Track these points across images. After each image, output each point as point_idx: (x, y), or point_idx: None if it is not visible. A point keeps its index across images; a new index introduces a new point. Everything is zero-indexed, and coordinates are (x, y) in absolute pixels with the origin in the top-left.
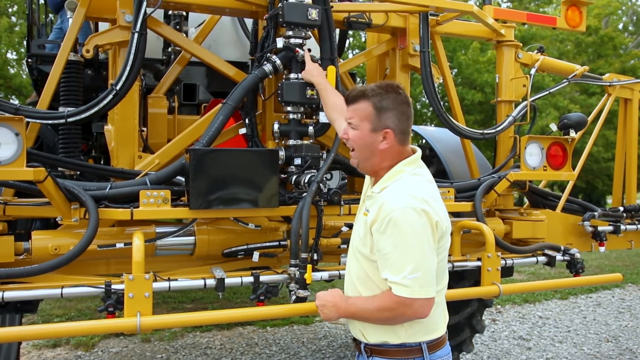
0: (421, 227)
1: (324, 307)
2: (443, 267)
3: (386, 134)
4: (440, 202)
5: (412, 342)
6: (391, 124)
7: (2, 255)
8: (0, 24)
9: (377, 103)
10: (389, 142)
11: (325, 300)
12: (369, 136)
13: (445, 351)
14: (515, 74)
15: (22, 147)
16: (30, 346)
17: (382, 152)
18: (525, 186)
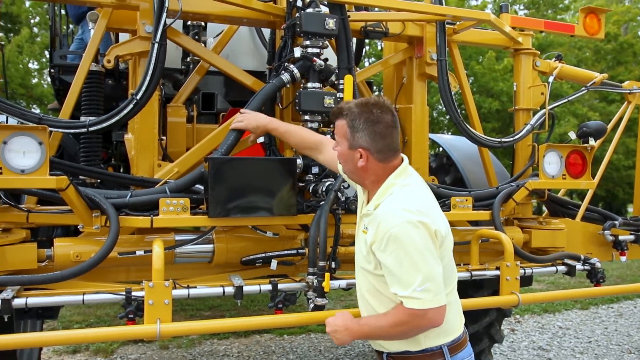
0: (421, 239)
1: (335, 332)
2: (450, 268)
3: (361, 152)
4: (436, 208)
5: (432, 346)
6: (364, 143)
7: (26, 262)
8: (22, 35)
9: (350, 122)
10: (365, 161)
11: (336, 326)
12: (348, 153)
13: (467, 352)
14: (533, 82)
15: (46, 156)
16: (50, 352)
17: (362, 169)
18: (544, 195)
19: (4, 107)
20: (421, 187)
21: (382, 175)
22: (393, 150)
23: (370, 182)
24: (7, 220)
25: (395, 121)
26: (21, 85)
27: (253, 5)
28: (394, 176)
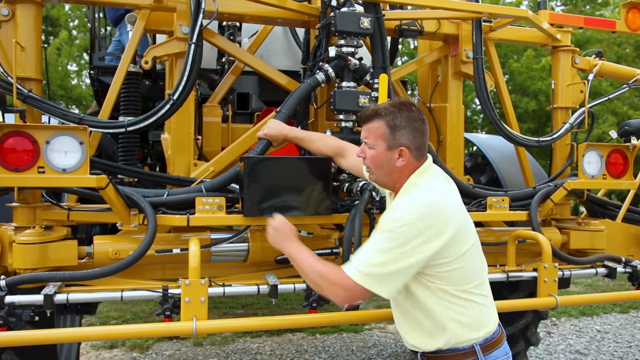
0: (411, 233)
1: (276, 231)
2: (473, 265)
3: (402, 151)
4: (455, 205)
5: (464, 345)
6: (405, 141)
7: (67, 259)
8: (60, 37)
9: (390, 121)
10: (405, 160)
11: (281, 227)
12: (385, 154)
13: (502, 352)
14: (572, 80)
15: (86, 155)
16: (89, 346)
17: (400, 169)
18: (583, 195)
19: (47, 107)
20: (439, 186)
21: (411, 173)
22: (425, 150)
23: (400, 182)
24: (49, 218)
25: (425, 120)
26: (60, 87)
27: (288, 5)
28: (415, 175)
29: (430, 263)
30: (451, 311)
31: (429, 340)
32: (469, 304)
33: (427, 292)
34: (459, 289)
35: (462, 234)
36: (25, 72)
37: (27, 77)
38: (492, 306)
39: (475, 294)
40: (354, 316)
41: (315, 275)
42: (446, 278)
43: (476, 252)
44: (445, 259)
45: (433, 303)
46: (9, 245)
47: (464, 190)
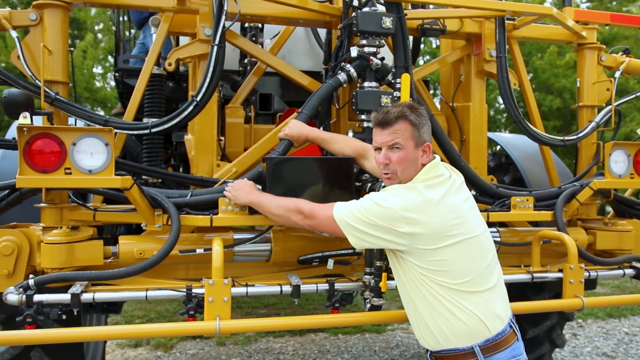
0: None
1: (235, 190)
2: (466, 262)
3: (426, 147)
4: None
5: (463, 346)
6: (427, 137)
7: (93, 259)
8: (86, 40)
9: (414, 120)
10: (429, 155)
11: (238, 185)
12: (414, 153)
13: (508, 354)
14: (598, 78)
15: (111, 157)
16: (114, 345)
17: (422, 165)
18: (609, 195)
19: (73, 110)
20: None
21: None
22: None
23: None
24: (75, 219)
25: None
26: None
27: (309, 6)
28: (422, 173)
29: (406, 251)
30: (443, 309)
31: (431, 338)
32: (457, 302)
33: (418, 288)
34: (445, 284)
35: (440, 232)
36: (52, 75)
37: (54, 80)
38: (497, 310)
39: (463, 292)
40: (376, 316)
41: (277, 211)
42: (431, 270)
43: (464, 251)
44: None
45: (423, 300)
46: (37, 245)
47: (486, 190)
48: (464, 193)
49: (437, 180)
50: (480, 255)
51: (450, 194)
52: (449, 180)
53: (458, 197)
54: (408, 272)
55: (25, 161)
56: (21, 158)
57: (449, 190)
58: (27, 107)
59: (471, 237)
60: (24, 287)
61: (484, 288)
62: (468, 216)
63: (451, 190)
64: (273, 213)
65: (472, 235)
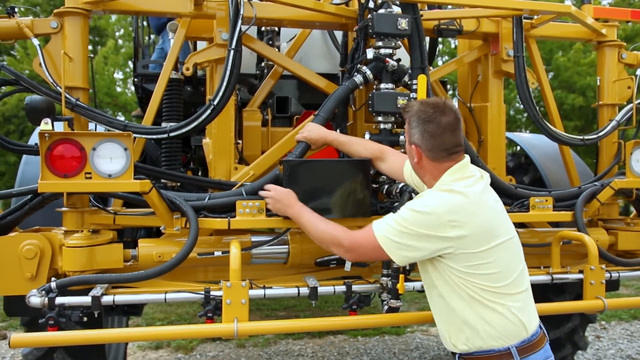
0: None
1: (276, 201)
2: (504, 266)
3: (415, 149)
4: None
5: (499, 347)
6: (416, 140)
7: (113, 262)
8: (107, 46)
9: (408, 119)
10: (418, 158)
11: (279, 195)
12: (409, 149)
13: (542, 355)
14: (619, 76)
15: (130, 161)
16: (135, 347)
17: (418, 166)
18: (631, 194)
19: (93, 115)
20: (468, 193)
21: (437, 174)
22: (446, 152)
23: (427, 179)
24: (95, 222)
25: (450, 123)
26: (107, 94)
27: (325, 9)
28: (448, 174)
29: (450, 254)
30: (482, 311)
31: (463, 341)
32: (499, 304)
33: (453, 290)
34: (487, 288)
35: (485, 233)
36: (73, 81)
37: (74, 87)
38: (532, 311)
39: (504, 294)
40: (394, 318)
41: (320, 234)
42: (474, 275)
43: (505, 252)
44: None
45: (460, 302)
46: (59, 248)
47: (505, 191)
48: (494, 194)
49: (471, 180)
50: (517, 257)
51: (486, 194)
52: (481, 180)
53: (492, 197)
54: (443, 275)
55: (46, 166)
56: (43, 163)
57: (484, 190)
58: (48, 113)
59: (509, 238)
60: (46, 289)
61: (521, 290)
62: (503, 217)
63: (485, 190)
64: (313, 237)
65: (509, 237)
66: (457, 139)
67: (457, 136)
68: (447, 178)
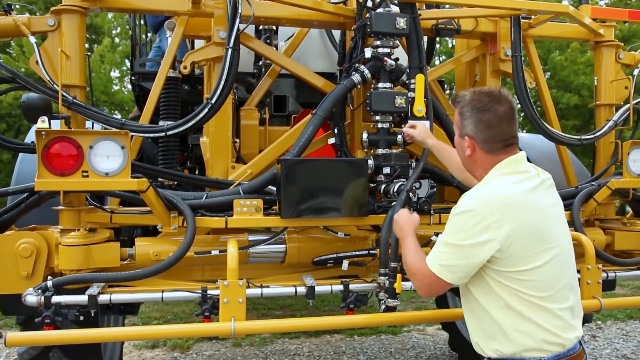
0: (468, 227)
1: (401, 227)
2: (547, 275)
3: (468, 141)
4: (520, 209)
5: (531, 357)
6: (470, 132)
7: (110, 260)
8: (103, 44)
9: (460, 109)
10: (472, 150)
11: (404, 223)
12: (459, 142)
13: None
14: (616, 76)
15: (128, 159)
16: (131, 346)
17: (470, 159)
18: (628, 194)
19: (90, 113)
20: (512, 189)
21: (489, 168)
22: (502, 143)
23: (479, 174)
24: (92, 221)
25: (506, 112)
26: (103, 93)
27: (323, 8)
28: (497, 167)
29: (494, 258)
30: (518, 320)
31: (493, 347)
32: (537, 314)
33: (489, 295)
34: (526, 296)
35: (532, 235)
36: (70, 79)
37: (71, 85)
38: (570, 321)
39: (542, 306)
40: (392, 318)
41: (410, 265)
42: (513, 280)
43: (550, 262)
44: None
45: (495, 308)
46: (56, 247)
47: None
48: (553, 197)
49: (523, 176)
50: (566, 268)
51: (538, 193)
52: (536, 178)
53: (547, 200)
54: (481, 279)
55: (43, 164)
56: (39, 161)
57: (535, 189)
58: (45, 111)
59: (558, 245)
60: (43, 288)
61: (561, 305)
62: (555, 223)
63: (539, 189)
64: (404, 262)
65: (559, 244)
66: (513, 130)
67: (513, 127)
68: (496, 172)
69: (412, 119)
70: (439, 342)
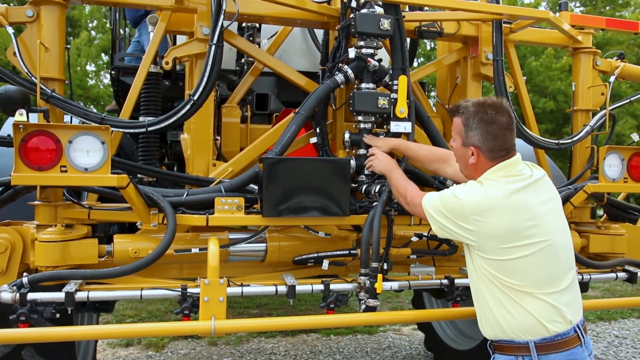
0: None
1: (388, 161)
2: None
3: (473, 150)
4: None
5: (519, 339)
6: (476, 142)
7: (87, 257)
8: (80, 38)
9: (464, 121)
10: (476, 159)
11: (388, 159)
12: (461, 150)
13: (564, 357)
14: (593, 82)
15: (108, 155)
16: (105, 344)
17: (473, 166)
18: (603, 198)
19: (70, 107)
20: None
21: None
22: (505, 150)
23: (477, 178)
24: (70, 217)
25: (510, 123)
26: (79, 87)
27: (307, 7)
28: (491, 171)
29: (476, 247)
30: (507, 304)
31: (491, 329)
32: (521, 300)
33: (483, 280)
34: (508, 284)
35: (510, 232)
36: (48, 72)
37: (50, 78)
38: (561, 309)
39: (526, 292)
40: (370, 318)
41: (398, 191)
42: (496, 268)
43: (536, 253)
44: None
45: (488, 293)
46: (31, 243)
47: None
48: (546, 193)
49: (512, 179)
50: (551, 260)
51: (525, 193)
52: (527, 179)
53: (536, 198)
54: (476, 265)
55: (20, 158)
56: (16, 155)
57: (523, 190)
58: (23, 104)
59: (543, 240)
60: (18, 285)
61: (550, 291)
62: (544, 219)
63: (527, 190)
64: (392, 189)
65: (544, 239)
66: (514, 138)
67: (514, 135)
68: (490, 175)
69: (394, 119)
70: (414, 342)
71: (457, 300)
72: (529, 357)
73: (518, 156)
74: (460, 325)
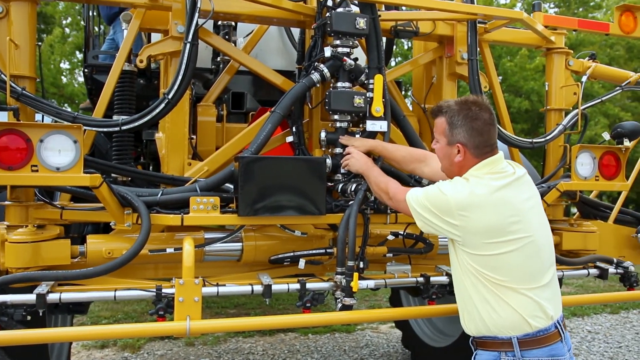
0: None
1: (365, 160)
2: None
3: (459, 148)
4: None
5: (502, 335)
6: (462, 139)
7: (60, 258)
8: (53, 35)
9: (449, 119)
10: (462, 156)
11: (365, 158)
12: (446, 149)
13: (546, 352)
14: (566, 82)
15: (80, 154)
16: (79, 346)
17: (458, 165)
18: (575, 196)
19: (41, 106)
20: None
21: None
22: (489, 147)
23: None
24: (41, 217)
25: (492, 119)
26: (52, 85)
27: (283, 5)
28: (476, 168)
29: (460, 242)
30: (491, 300)
31: (474, 324)
32: (504, 295)
33: (467, 276)
34: (492, 279)
35: (493, 229)
36: (18, 69)
37: (20, 75)
38: (542, 304)
39: (509, 288)
40: (346, 316)
41: (378, 189)
42: (479, 263)
43: (519, 249)
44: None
45: (472, 288)
46: (1, 244)
47: None
48: (528, 191)
49: (496, 176)
50: (533, 256)
51: (509, 190)
52: (510, 176)
53: (519, 196)
54: (460, 260)
55: None
56: None
57: (507, 187)
58: None
59: (526, 236)
60: None
61: (532, 286)
62: (527, 215)
63: (511, 187)
64: (372, 187)
65: (527, 235)
66: (496, 134)
67: (496, 131)
68: (475, 172)
69: (370, 118)
70: (392, 340)
71: (433, 298)
72: (512, 352)
73: (501, 154)
74: (438, 323)
